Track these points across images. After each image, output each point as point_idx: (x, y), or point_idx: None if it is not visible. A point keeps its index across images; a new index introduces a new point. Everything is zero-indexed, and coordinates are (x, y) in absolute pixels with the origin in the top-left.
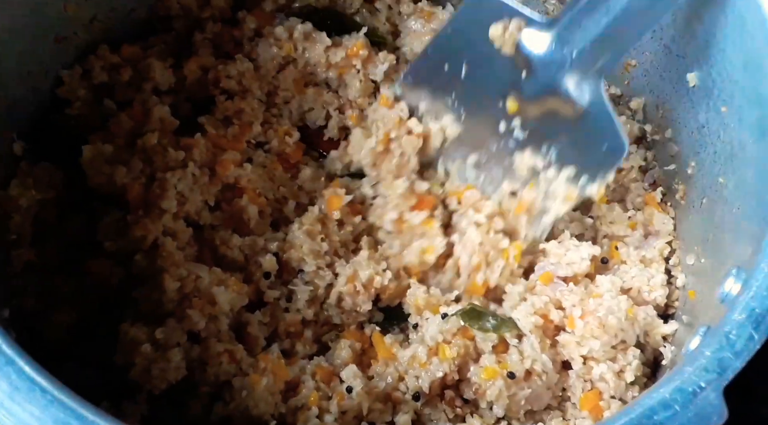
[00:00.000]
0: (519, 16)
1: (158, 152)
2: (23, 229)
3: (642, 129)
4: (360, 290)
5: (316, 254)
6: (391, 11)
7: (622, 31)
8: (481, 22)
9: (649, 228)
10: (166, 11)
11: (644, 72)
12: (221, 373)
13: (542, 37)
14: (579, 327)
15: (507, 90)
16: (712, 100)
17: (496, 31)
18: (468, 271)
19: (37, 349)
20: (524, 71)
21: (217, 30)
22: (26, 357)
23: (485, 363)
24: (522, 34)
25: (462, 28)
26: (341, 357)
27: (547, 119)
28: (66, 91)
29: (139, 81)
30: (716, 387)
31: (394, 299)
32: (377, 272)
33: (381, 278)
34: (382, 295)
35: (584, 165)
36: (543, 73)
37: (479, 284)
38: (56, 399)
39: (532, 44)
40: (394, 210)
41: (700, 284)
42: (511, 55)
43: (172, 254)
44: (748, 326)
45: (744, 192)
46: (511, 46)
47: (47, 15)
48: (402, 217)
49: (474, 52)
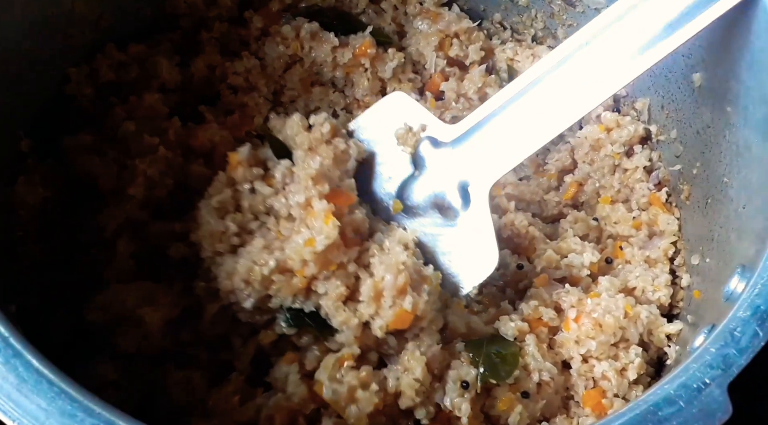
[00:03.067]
0: (427, 120)
1: (135, 140)
2: (30, 225)
3: (647, 129)
4: (239, 286)
5: (214, 236)
6: (397, 11)
7: (523, 142)
8: (392, 119)
9: (653, 228)
10: (173, 10)
11: (649, 72)
12: (173, 402)
13: (440, 143)
14: (573, 329)
15: (398, 184)
16: (717, 100)
17: (401, 131)
18: (392, 293)
19: (43, 343)
20: (417, 171)
21: (223, 29)
22: (33, 350)
23: (497, 394)
24: (423, 138)
25: (374, 122)
26: (297, 393)
27: (429, 217)
28: (73, 90)
29: (146, 79)
30: (721, 383)
31: (289, 298)
32: (259, 262)
33: (260, 270)
34: (270, 290)
35: (457, 268)
36: (434, 175)
37: (408, 310)
38: (63, 392)
39: (429, 148)
40: (302, 193)
41: (705, 283)
42: (410, 154)
43: (119, 261)
44: (752, 323)
45: (749, 192)
46: (412, 146)
47: (55, 13)
48: (310, 201)
49: (381, 143)
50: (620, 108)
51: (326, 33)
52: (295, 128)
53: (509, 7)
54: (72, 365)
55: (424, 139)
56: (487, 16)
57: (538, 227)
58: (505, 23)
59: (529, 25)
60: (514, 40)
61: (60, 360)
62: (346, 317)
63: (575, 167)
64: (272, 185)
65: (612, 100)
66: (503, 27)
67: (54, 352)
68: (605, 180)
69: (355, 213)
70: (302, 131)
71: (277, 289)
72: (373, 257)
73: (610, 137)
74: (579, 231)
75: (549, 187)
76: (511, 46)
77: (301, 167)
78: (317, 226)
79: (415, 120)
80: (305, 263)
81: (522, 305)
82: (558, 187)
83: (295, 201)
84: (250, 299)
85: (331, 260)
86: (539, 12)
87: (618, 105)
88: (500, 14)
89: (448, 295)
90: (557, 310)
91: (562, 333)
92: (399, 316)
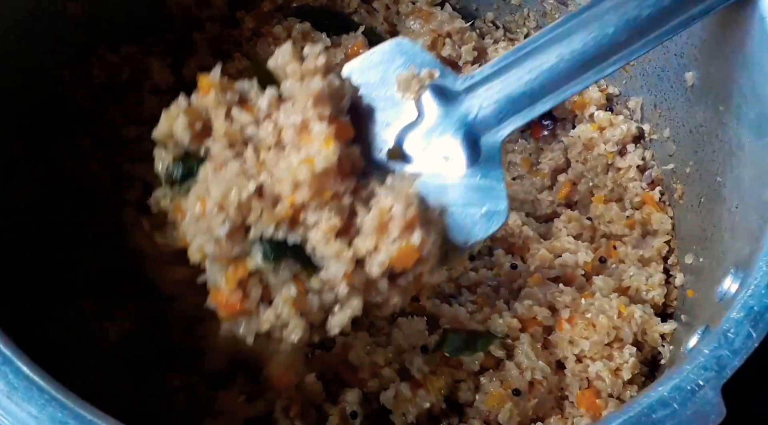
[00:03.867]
0: (434, 67)
1: (136, 146)
2: (24, 229)
3: (640, 128)
4: (212, 210)
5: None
6: (389, 11)
7: (541, 93)
8: (393, 63)
9: (647, 227)
10: (166, 11)
11: (642, 71)
12: (176, 408)
13: (448, 92)
14: (566, 330)
15: (397, 132)
16: (710, 99)
17: (403, 76)
18: (400, 225)
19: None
20: (421, 118)
21: (216, 30)
22: (24, 357)
23: (489, 388)
24: (430, 84)
25: (372, 66)
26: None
27: (430, 168)
28: (66, 91)
29: (139, 81)
30: (714, 385)
31: (270, 228)
32: (238, 184)
33: (238, 193)
34: (249, 219)
35: (463, 221)
36: (438, 124)
37: (415, 246)
38: (54, 399)
39: (435, 96)
40: (299, 114)
41: (698, 283)
42: (412, 101)
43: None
44: (746, 324)
45: (742, 191)
46: (415, 92)
47: (47, 15)
48: (307, 124)
49: (380, 88)
50: (613, 107)
51: (318, 33)
52: (287, 56)
53: (501, 7)
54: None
55: (428, 86)
56: (480, 15)
57: (531, 227)
58: (497, 22)
59: (521, 24)
60: (506, 39)
61: (53, 365)
62: (339, 248)
63: (568, 166)
64: (253, 113)
65: (605, 100)
66: (496, 26)
67: (47, 357)
68: (598, 179)
69: (352, 149)
70: (294, 61)
71: (257, 217)
72: (376, 190)
73: (603, 136)
74: (572, 230)
75: (542, 186)
76: (504, 46)
77: (299, 89)
78: (315, 148)
79: (421, 66)
80: (298, 186)
81: (516, 305)
82: (551, 186)
83: (291, 122)
84: (225, 226)
85: (327, 187)
86: (531, 11)
87: (611, 104)
88: (493, 13)
89: (450, 246)
90: (551, 309)
91: (556, 333)
92: (404, 252)
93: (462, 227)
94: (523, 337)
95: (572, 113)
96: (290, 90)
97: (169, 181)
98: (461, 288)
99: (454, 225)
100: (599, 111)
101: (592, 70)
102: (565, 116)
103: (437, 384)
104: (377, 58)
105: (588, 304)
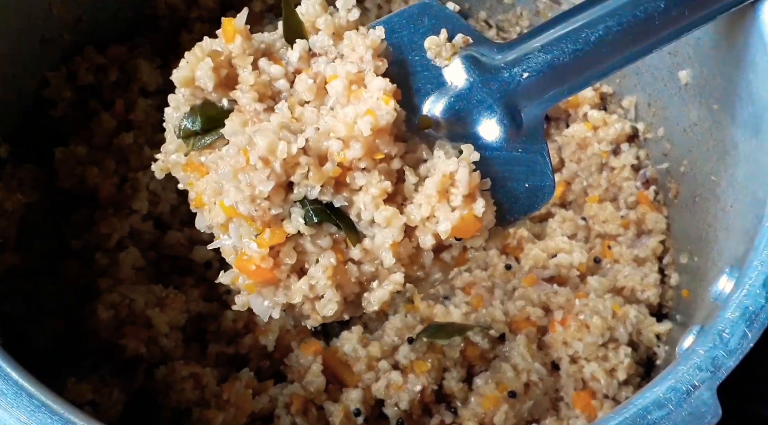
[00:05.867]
0: (468, 33)
1: (134, 151)
2: (8, 232)
3: (634, 127)
4: (255, 163)
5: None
6: (381, 11)
7: (587, 65)
8: (424, 27)
9: (642, 227)
10: (153, 11)
11: (636, 70)
12: (183, 400)
13: (489, 56)
14: (560, 332)
15: (429, 99)
16: (704, 98)
17: (434, 40)
18: (464, 192)
19: (25, 355)
20: (455, 86)
21: (204, 30)
22: (12, 362)
23: (485, 391)
24: (465, 50)
25: (402, 27)
26: (314, 383)
27: (464, 139)
28: (51, 93)
29: (126, 82)
30: (710, 385)
31: (316, 188)
32: (283, 138)
33: (285, 146)
34: (292, 176)
35: (504, 196)
36: (479, 93)
37: (478, 214)
38: (43, 404)
39: (470, 64)
40: (355, 65)
41: (693, 283)
42: (444, 66)
43: (124, 267)
44: (741, 324)
45: (736, 190)
46: (447, 58)
47: (33, 16)
48: (362, 76)
49: (410, 51)
50: (607, 106)
51: None
52: (318, 7)
53: (494, 5)
54: (55, 376)
55: (462, 52)
56: (473, 14)
57: (525, 227)
58: (490, 21)
59: (514, 22)
60: (499, 38)
61: (42, 370)
62: (392, 214)
63: (562, 165)
64: (282, 67)
65: (599, 99)
66: (489, 25)
67: (36, 362)
68: (593, 179)
69: (401, 111)
70: (325, 13)
71: (302, 176)
72: (426, 155)
73: (597, 135)
74: (567, 230)
75: None
76: None
77: (355, 39)
78: (372, 103)
79: (453, 31)
80: (352, 141)
81: (510, 305)
82: None
83: (344, 73)
84: (270, 181)
85: (380, 147)
86: (524, 9)
87: (605, 103)
88: (486, 12)
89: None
90: (546, 310)
91: (550, 334)
92: (466, 220)
93: (504, 203)
94: (518, 338)
95: (566, 113)
96: (322, 44)
97: (185, 133)
98: (455, 289)
99: (495, 201)
100: (593, 110)
101: (640, 45)
102: (559, 115)
103: (423, 368)
104: (404, 21)
105: (582, 305)
